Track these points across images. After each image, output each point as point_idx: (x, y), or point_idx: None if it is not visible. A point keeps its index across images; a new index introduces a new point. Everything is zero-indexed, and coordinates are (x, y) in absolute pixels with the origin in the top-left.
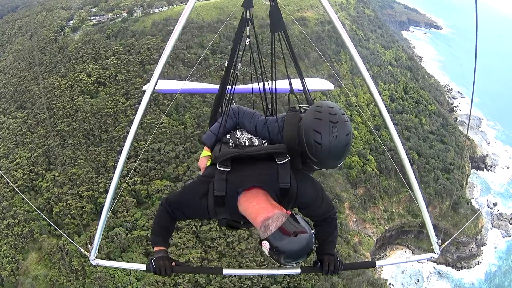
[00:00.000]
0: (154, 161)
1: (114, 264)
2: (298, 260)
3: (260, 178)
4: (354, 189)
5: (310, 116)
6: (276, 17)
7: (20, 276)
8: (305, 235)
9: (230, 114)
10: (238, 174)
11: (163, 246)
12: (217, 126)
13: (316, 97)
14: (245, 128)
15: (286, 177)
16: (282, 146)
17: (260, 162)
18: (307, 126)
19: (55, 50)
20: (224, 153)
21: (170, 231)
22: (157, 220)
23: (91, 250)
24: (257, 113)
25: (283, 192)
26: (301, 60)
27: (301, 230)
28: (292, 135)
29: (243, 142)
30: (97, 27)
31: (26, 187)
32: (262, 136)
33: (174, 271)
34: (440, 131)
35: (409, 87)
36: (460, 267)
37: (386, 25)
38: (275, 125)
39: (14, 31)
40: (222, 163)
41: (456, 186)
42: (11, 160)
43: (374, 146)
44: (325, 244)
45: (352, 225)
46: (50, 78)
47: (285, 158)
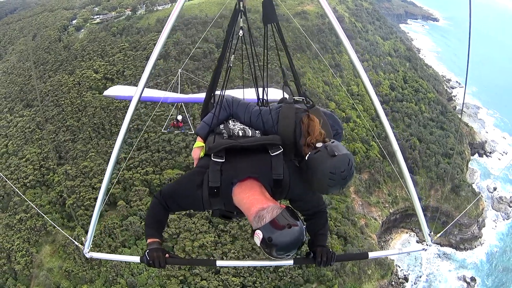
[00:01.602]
0: (165, 151)
1: (108, 257)
2: (289, 253)
3: (255, 169)
4: (358, 174)
5: (325, 169)
6: (269, 9)
7: (34, 269)
8: (297, 228)
9: (224, 105)
10: (232, 165)
11: (157, 238)
12: (211, 116)
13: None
14: (239, 119)
15: (279, 168)
16: (276, 138)
17: (254, 153)
18: (320, 181)
19: (60, 49)
20: (218, 144)
21: (163, 223)
22: (151, 213)
23: (85, 243)
24: (251, 104)
25: (276, 183)
26: (303, 52)
27: (294, 223)
28: (288, 128)
29: (237, 133)
30: (102, 25)
31: (37, 182)
32: (256, 127)
33: (168, 263)
34: (439, 118)
35: (408, 76)
36: (463, 248)
37: (384, 18)
38: (269, 117)
39: (16, 32)
40: (217, 154)
41: (452, 169)
42: (21, 156)
43: (377, 132)
44: (317, 237)
45: (358, 208)
46: (57, 76)
47: (279, 149)
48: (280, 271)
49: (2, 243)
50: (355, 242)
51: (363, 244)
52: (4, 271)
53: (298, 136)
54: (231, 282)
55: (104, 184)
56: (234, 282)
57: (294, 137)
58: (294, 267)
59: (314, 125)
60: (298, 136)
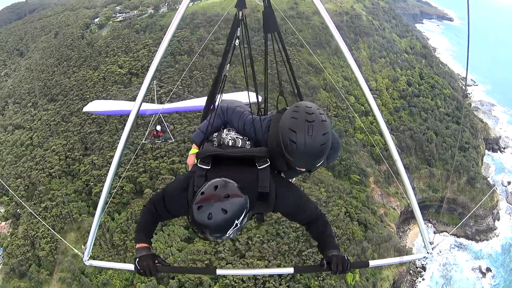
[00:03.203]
0: (190, 142)
1: (107, 265)
2: (201, 230)
3: (238, 180)
4: (378, 165)
5: (287, 115)
6: (270, 18)
7: (58, 255)
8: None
9: (219, 113)
10: (217, 173)
11: (146, 242)
12: (206, 124)
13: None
14: (234, 127)
15: (266, 181)
16: (263, 150)
17: (240, 164)
18: (283, 125)
19: (84, 46)
20: (205, 150)
21: (152, 230)
22: (141, 220)
23: (84, 251)
24: (246, 112)
25: (261, 196)
26: (323, 48)
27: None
28: (275, 136)
29: (227, 142)
30: (125, 23)
31: (63, 172)
32: (249, 135)
33: (159, 271)
34: (455, 113)
35: (424, 73)
36: (479, 240)
37: (400, 16)
38: (262, 125)
39: (37, 31)
40: (203, 160)
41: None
42: (46, 148)
43: (395, 126)
44: (324, 241)
45: (378, 198)
46: (81, 71)
47: (266, 162)
48: (304, 255)
49: (26, 231)
50: (375, 229)
51: (382, 231)
52: (28, 257)
53: None
54: (256, 265)
55: (103, 195)
56: (258, 265)
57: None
58: (316, 251)
59: None
60: None
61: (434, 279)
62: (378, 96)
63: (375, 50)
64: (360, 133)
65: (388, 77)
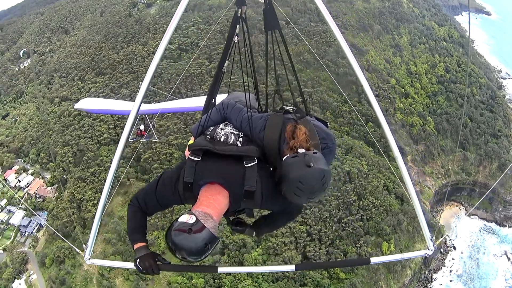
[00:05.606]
0: None
1: (108, 263)
2: (186, 257)
3: (224, 176)
4: (415, 145)
5: (293, 183)
6: (270, 16)
7: (104, 217)
8: (192, 239)
9: (219, 108)
10: (205, 166)
11: (143, 241)
12: (205, 118)
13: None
14: (232, 123)
15: (252, 180)
16: (252, 150)
17: (229, 160)
18: (288, 186)
19: (132, 23)
20: (195, 144)
21: (144, 227)
22: (130, 220)
23: (85, 249)
24: (245, 109)
25: (248, 194)
26: (366, 32)
27: (198, 230)
28: (274, 136)
29: (219, 137)
30: (173, 2)
31: (111, 140)
32: (246, 132)
33: (161, 269)
34: (489, 101)
35: (461, 61)
36: (507, 226)
37: (439, 6)
38: (258, 123)
39: (82, 9)
40: (194, 153)
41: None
42: (94, 117)
43: (433, 109)
44: (265, 223)
45: (414, 176)
46: (130, 47)
47: (253, 161)
48: (344, 222)
49: (73, 194)
50: (411, 204)
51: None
52: (73, 219)
53: (283, 143)
54: (298, 229)
55: (103, 195)
56: (300, 230)
57: (279, 145)
58: (356, 219)
59: (298, 131)
60: (283, 143)
61: (462, 259)
62: (418, 79)
63: (415, 36)
64: (400, 113)
65: (427, 62)
